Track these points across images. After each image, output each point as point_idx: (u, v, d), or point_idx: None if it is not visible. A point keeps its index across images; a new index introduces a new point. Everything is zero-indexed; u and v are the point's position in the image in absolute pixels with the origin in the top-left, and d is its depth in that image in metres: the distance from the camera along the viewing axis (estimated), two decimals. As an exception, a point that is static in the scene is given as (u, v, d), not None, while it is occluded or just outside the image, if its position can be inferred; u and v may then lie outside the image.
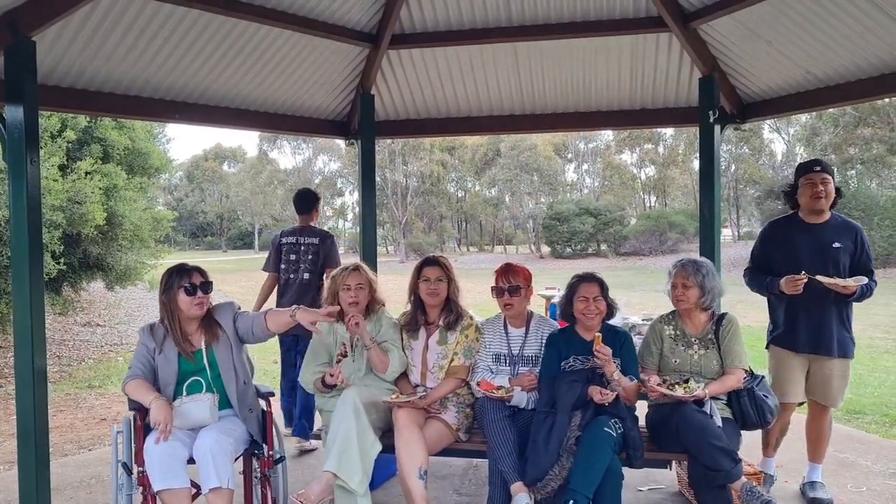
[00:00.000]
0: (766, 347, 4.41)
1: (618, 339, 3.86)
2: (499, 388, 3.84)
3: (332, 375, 3.78)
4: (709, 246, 5.40)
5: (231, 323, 3.69)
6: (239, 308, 3.82)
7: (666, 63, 5.62)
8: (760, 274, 4.34)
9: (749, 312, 10.69)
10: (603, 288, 3.91)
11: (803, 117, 34.21)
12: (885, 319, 12.85)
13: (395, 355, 4.02)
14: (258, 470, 3.69)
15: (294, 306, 3.67)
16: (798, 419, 4.48)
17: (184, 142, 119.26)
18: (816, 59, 4.89)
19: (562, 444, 3.49)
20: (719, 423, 3.66)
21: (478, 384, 3.91)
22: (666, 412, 3.73)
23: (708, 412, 3.67)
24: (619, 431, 3.54)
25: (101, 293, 15.89)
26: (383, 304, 4.21)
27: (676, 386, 3.73)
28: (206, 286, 3.59)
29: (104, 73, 4.68)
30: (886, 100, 25.59)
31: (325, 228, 8.92)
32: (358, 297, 4.00)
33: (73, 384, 9.03)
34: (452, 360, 4.04)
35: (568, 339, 3.92)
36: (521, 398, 3.90)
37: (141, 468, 3.32)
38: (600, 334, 3.71)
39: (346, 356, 3.91)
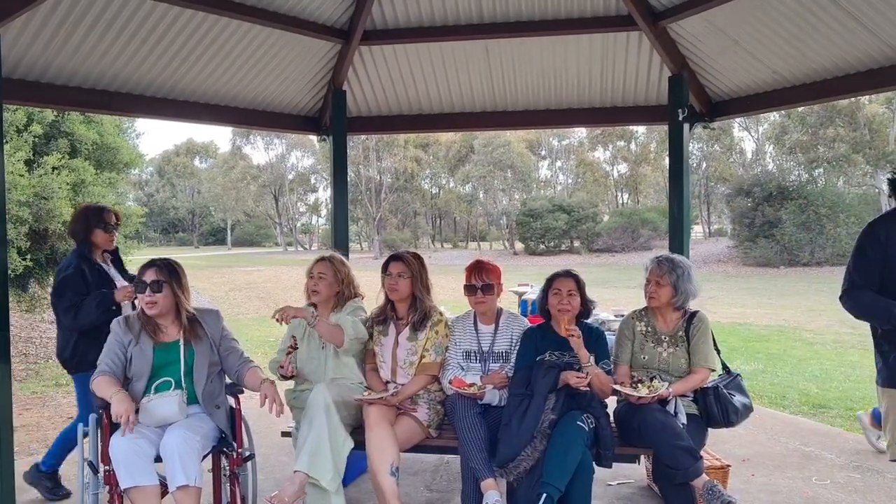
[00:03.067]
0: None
1: (591, 334, 3.88)
2: (471, 385, 3.84)
3: (282, 367, 3.80)
4: (678, 243, 5.46)
5: (217, 333, 3.69)
6: (223, 321, 3.81)
7: (636, 61, 5.67)
8: (876, 293, 3.12)
9: (719, 309, 10.85)
10: (579, 284, 3.91)
11: (772, 116, 34.76)
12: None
13: (348, 322, 3.91)
14: (227, 468, 3.66)
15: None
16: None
17: (154, 136, 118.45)
18: (783, 59, 4.97)
19: (536, 426, 3.51)
20: (684, 420, 3.70)
21: (450, 382, 3.90)
22: (630, 410, 3.76)
23: (672, 411, 3.70)
24: (591, 426, 3.56)
25: (69, 290, 15.62)
26: (361, 297, 4.19)
27: (640, 385, 3.73)
28: (157, 284, 3.48)
29: (71, 67, 4.61)
30: (853, 99, 26.08)
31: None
32: (318, 286, 4.01)
33: (40, 382, 8.87)
34: (423, 356, 4.02)
35: (544, 335, 3.94)
36: (493, 396, 3.91)
37: (107, 467, 3.28)
38: (567, 317, 3.74)
39: (296, 348, 3.90)
